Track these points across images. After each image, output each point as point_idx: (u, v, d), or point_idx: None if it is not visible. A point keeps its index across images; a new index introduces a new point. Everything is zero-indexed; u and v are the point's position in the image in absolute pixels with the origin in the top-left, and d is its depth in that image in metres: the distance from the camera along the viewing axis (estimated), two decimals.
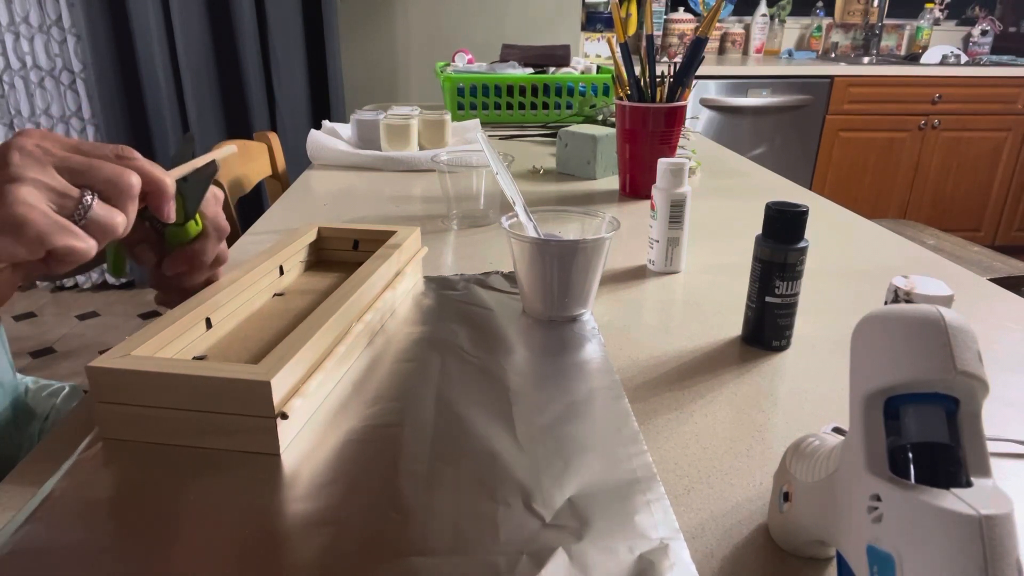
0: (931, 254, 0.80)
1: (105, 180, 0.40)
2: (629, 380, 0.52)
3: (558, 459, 0.42)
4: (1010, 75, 2.70)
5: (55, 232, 0.38)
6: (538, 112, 1.59)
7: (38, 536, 0.36)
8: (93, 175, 0.39)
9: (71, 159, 0.39)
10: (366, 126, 1.23)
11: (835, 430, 0.45)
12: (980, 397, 0.26)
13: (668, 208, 0.70)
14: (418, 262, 0.69)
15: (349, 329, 0.52)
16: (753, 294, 0.56)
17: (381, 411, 0.47)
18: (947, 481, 0.25)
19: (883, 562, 0.25)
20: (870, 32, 3.14)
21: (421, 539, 0.36)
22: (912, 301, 0.49)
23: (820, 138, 2.72)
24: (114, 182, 0.40)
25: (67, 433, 0.45)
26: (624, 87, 0.99)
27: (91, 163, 0.39)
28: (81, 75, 2.42)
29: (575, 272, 0.58)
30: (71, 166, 0.39)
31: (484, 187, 0.88)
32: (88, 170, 0.39)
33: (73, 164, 0.39)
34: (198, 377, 0.41)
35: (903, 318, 0.27)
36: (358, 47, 2.53)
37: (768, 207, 0.54)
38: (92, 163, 0.39)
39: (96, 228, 0.40)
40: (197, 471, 0.41)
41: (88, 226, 0.39)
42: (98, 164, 0.40)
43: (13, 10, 2.33)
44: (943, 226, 2.25)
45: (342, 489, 0.39)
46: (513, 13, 2.55)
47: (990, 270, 1.56)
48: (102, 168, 0.40)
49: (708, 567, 0.35)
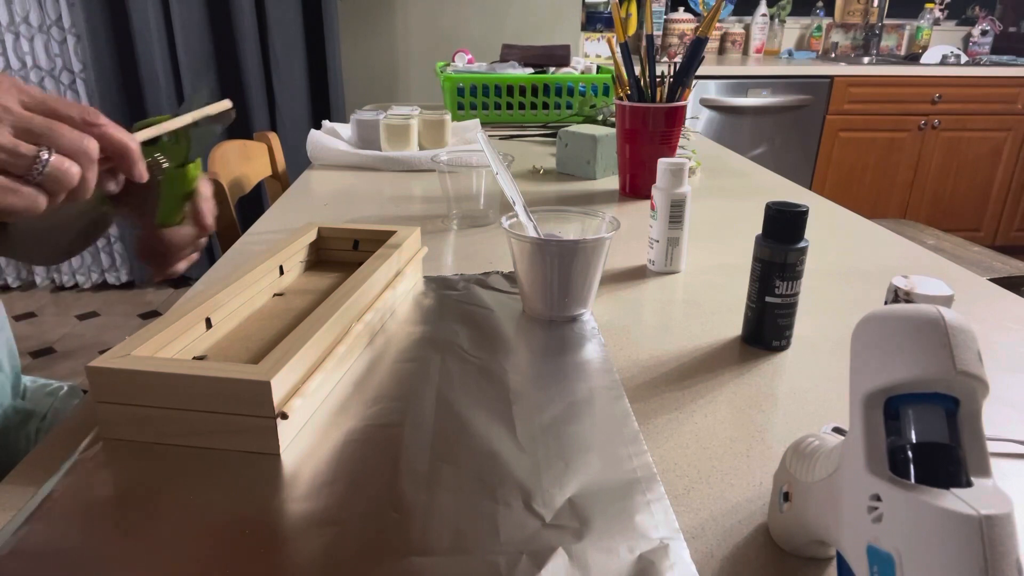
0: (931, 254, 0.80)
1: (63, 146, 0.40)
2: (629, 380, 0.52)
3: (558, 459, 0.42)
4: (1010, 75, 2.70)
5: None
6: (538, 112, 1.59)
7: (38, 536, 0.36)
8: (52, 139, 0.39)
9: (31, 120, 0.39)
10: (366, 126, 1.23)
11: (835, 430, 0.45)
12: (980, 397, 0.26)
13: (668, 208, 0.70)
14: (418, 262, 0.69)
15: (349, 329, 0.52)
16: (753, 294, 0.56)
17: (381, 411, 0.47)
18: (947, 481, 0.25)
19: (883, 562, 0.25)
20: (870, 32, 3.14)
21: (421, 539, 0.36)
22: (912, 301, 0.49)
23: (820, 138, 2.72)
24: (72, 148, 0.40)
25: (67, 433, 0.45)
26: (624, 87, 0.99)
27: (51, 126, 0.39)
28: (81, 75, 2.41)
29: (575, 272, 0.58)
30: (29, 127, 0.39)
31: (484, 187, 0.88)
32: (47, 133, 0.39)
33: (32, 126, 0.39)
34: (198, 377, 0.41)
35: (903, 318, 0.27)
36: (358, 47, 2.53)
37: (768, 207, 0.54)
38: (52, 127, 0.39)
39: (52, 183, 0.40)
40: (197, 471, 0.41)
41: (44, 182, 0.40)
42: (58, 129, 0.39)
43: (13, 10, 2.33)
44: (943, 226, 2.25)
45: (342, 489, 0.39)
46: (513, 13, 2.55)
47: (990, 270, 1.56)
48: (61, 133, 0.39)
49: (708, 567, 0.35)
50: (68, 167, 0.40)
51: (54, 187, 0.40)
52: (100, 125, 0.42)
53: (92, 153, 0.41)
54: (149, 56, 2.33)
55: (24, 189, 0.39)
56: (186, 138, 0.49)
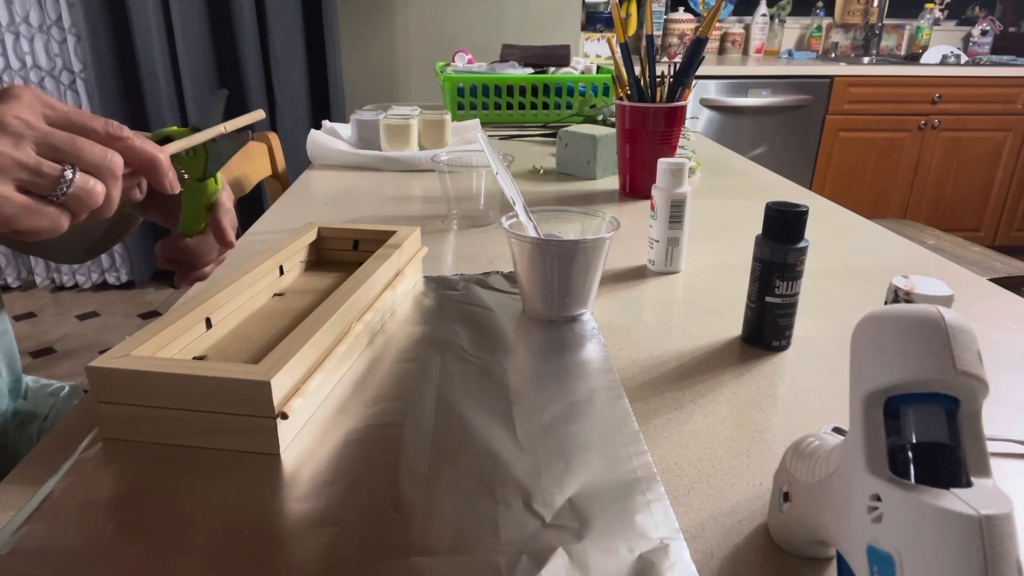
0: (931, 254, 0.80)
1: (87, 162, 0.39)
2: (629, 380, 0.52)
3: (558, 459, 0.42)
4: (1010, 75, 2.70)
5: (22, 216, 0.37)
6: (538, 112, 1.59)
7: (38, 536, 0.36)
8: (76, 156, 0.38)
9: (54, 136, 0.37)
10: (366, 126, 1.23)
11: (835, 430, 0.45)
12: (980, 397, 0.26)
13: (668, 208, 0.70)
14: (418, 262, 0.69)
15: (349, 329, 0.52)
16: (753, 294, 0.56)
17: (381, 411, 0.47)
18: (947, 481, 0.25)
19: (883, 562, 0.25)
20: (870, 32, 3.14)
21: (421, 539, 0.36)
22: (912, 301, 0.49)
23: (820, 138, 2.72)
24: (96, 165, 0.39)
25: (67, 433, 0.45)
26: (624, 87, 0.99)
27: (75, 142, 0.38)
28: (81, 75, 2.42)
29: (575, 272, 0.58)
30: (53, 143, 0.37)
31: (484, 187, 0.88)
32: (70, 150, 0.38)
33: (55, 141, 0.37)
34: (198, 377, 0.41)
35: (903, 318, 0.27)
36: (358, 47, 2.53)
37: (768, 207, 0.54)
38: (76, 142, 0.38)
39: (75, 202, 0.39)
40: (197, 471, 0.41)
41: (67, 202, 0.39)
42: (81, 144, 0.38)
43: (13, 10, 2.33)
44: (943, 226, 2.25)
45: (342, 489, 0.39)
46: (513, 13, 2.55)
47: (990, 270, 1.56)
48: (84, 149, 0.38)
49: (708, 567, 0.35)
50: (92, 186, 0.39)
51: (77, 207, 0.39)
52: (125, 138, 0.41)
53: (117, 169, 0.40)
54: (149, 56, 2.33)
55: (47, 209, 0.38)
56: (203, 151, 0.49)
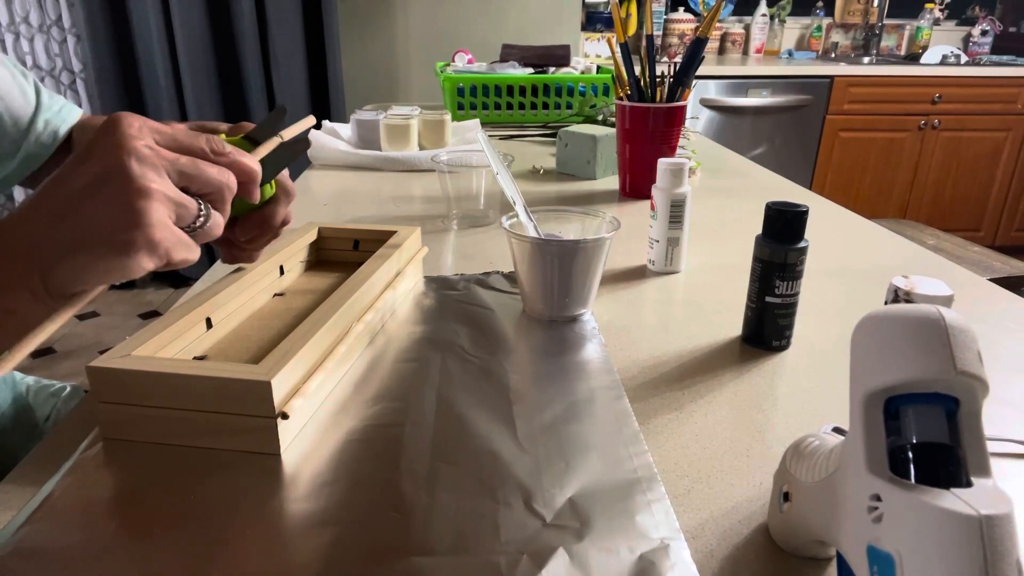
0: (931, 254, 0.80)
1: (211, 186, 0.40)
2: (629, 380, 0.52)
3: (559, 459, 0.42)
4: (1010, 75, 2.70)
5: (177, 249, 0.38)
6: (538, 112, 1.59)
7: (38, 536, 0.36)
8: (201, 181, 0.39)
9: (179, 162, 0.38)
10: (366, 126, 1.23)
11: (835, 430, 0.45)
12: (980, 397, 0.26)
13: (668, 208, 0.70)
14: (418, 262, 0.69)
15: (349, 329, 0.52)
16: (753, 294, 0.56)
17: (382, 411, 0.47)
18: (947, 481, 0.25)
19: (883, 562, 0.25)
20: (870, 32, 3.14)
21: (422, 539, 0.36)
22: (912, 301, 0.49)
23: (820, 138, 2.72)
24: (218, 186, 0.40)
25: (67, 433, 0.45)
26: (624, 87, 0.99)
27: (197, 167, 0.39)
28: (81, 75, 2.42)
29: (575, 272, 0.58)
30: (181, 170, 0.38)
31: (484, 187, 0.88)
32: (197, 175, 0.39)
33: (182, 168, 0.38)
34: (198, 377, 0.41)
35: (903, 318, 0.27)
36: (358, 47, 2.53)
37: (768, 207, 0.54)
38: (199, 167, 0.39)
39: (203, 236, 0.41)
40: (197, 471, 0.41)
41: (198, 235, 0.40)
42: (203, 169, 0.39)
43: (13, 10, 2.33)
44: (943, 226, 2.25)
45: (343, 489, 0.39)
46: (513, 13, 2.55)
47: (990, 270, 1.56)
48: (207, 172, 0.40)
49: (708, 567, 0.35)
50: (219, 222, 0.41)
51: (203, 239, 0.41)
52: (228, 153, 0.42)
53: (233, 190, 0.42)
54: (149, 56, 2.33)
55: (194, 243, 0.39)
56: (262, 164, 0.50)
